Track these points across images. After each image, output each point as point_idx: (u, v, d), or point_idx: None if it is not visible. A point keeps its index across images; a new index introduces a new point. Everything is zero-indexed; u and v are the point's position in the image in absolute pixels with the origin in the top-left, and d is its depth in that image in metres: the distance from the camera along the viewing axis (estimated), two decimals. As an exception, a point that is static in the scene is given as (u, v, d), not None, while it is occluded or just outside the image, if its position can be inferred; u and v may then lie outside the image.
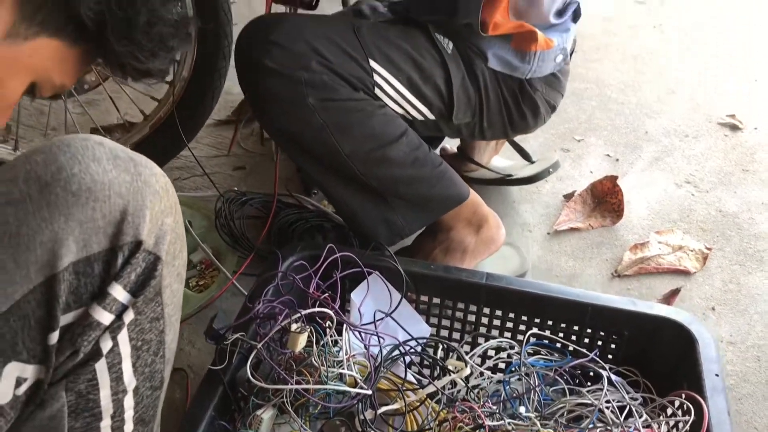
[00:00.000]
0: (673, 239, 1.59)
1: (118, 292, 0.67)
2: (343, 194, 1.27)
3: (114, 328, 0.68)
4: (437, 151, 1.77)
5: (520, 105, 1.33)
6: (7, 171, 0.65)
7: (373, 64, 1.17)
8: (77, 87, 1.51)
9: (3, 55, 0.64)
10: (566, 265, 1.53)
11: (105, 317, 0.67)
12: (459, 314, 1.13)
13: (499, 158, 1.75)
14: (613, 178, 1.68)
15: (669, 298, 1.44)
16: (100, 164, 0.65)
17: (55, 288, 0.64)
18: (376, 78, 1.18)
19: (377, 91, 1.19)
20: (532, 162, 1.70)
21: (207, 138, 1.82)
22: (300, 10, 1.37)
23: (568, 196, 1.70)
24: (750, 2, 2.78)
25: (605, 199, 1.67)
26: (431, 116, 1.27)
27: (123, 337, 0.69)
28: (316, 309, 0.93)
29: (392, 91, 1.20)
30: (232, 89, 1.95)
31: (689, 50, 2.42)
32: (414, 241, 1.37)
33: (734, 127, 2.01)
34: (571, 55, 1.39)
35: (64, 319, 0.66)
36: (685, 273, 1.51)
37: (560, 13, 1.30)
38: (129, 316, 0.69)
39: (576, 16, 1.34)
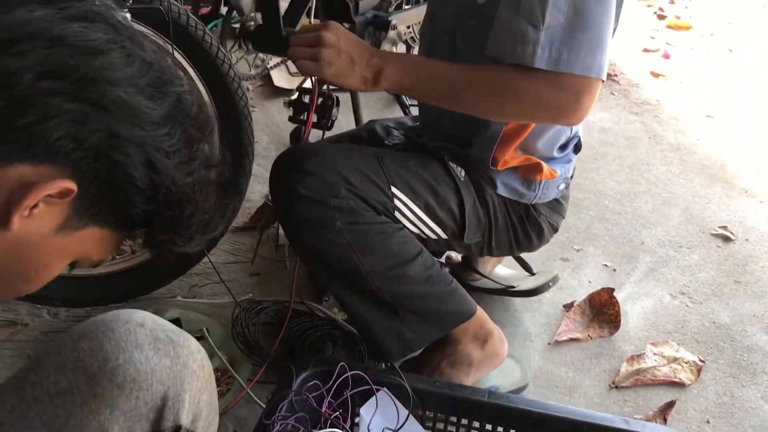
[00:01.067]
0: (668, 351, 1.65)
1: None
2: (359, 307, 1.36)
3: None
4: (443, 259, 1.87)
5: (526, 227, 1.44)
6: (55, 356, 0.70)
7: (394, 190, 1.29)
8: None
9: (53, 246, 0.68)
10: (566, 376, 1.59)
11: None
12: (462, 430, 1.19)
13: (502, 267, 1.84)
14: (609, 290, 1.77)
15: (664, 410, 1.50)
16: (143, 351, 0.71)
17: None
18: (397, 203, 1.29)
19: (397, 214, 1.30)
20: (533, 273, 1.79)
21: (225, 244, 1.92)
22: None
23: (568, 306, 1.78)
24: (739, 118, 2.92)
25: (603, 310, 1.75)
26: (444, 236, 1.38)
27: None
28: (329, 430, 1.00)
29: (410, 214, 1.31)
30: (249, 196, 2.07)
31: (682, 162, 2.54)
32: (422, 352, 1.45)
33: (726, 239, 2.11)
34: (570, 179, 1.51)
35: None
36: (680, 385, 1.57)
37: (563, 148, 1.43)
38: None
39: (577, 148, 1.47)
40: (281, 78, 2.73)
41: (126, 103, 0.65)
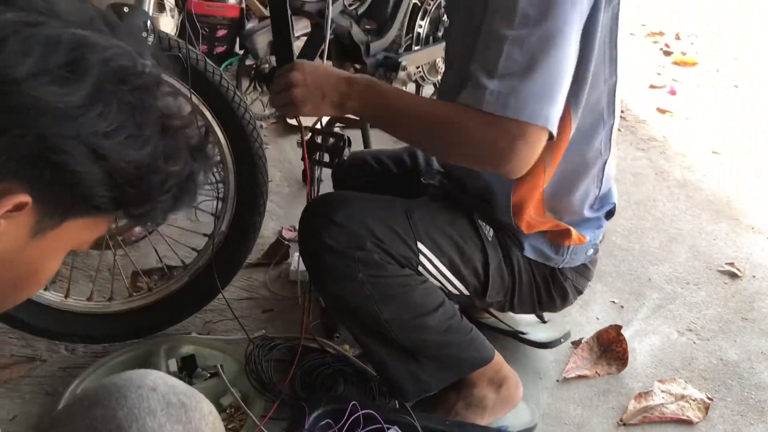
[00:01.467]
0: (675, 388, 1.67)
1: None
2: (377, 349, 1.39)
3: None
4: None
5: (551, 290, 1.45)
6: (68, 422, 0.71)
7: (420, 246, 1.31)
8: (125, 239, 1.68)
9: (34, 252, 0.65)
10: (574, 413, 1.61)
11: None
12: (471, 468, 1.21)
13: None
14: (617, 328, 1.79)
15: (673, 449, 1.51)
16: (155, 418, 0.71)
17: None
18: (422, 258, 1.31)
19: (420, 268, 1.32)
20: (544, 321, 1.81)
21: (238, 281, 1.95)
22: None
23: (576, 343, 1.80)
24: (745, 154, 2.95)
25: (611, 348, 1.77)
26: (466, 292, 1.40)
27: None
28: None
29: (434, 270, 1.33)
30: (262, 233, 2.10)
31: (689, 198, 2.57)
32: (438, 392, 1.46)
33: (733, 275, 2.13)
34: (600, 244, 1.50)
35: None
36: (687, 423, 1.59)
37: (594, 209, 1.43)
38: None
39: (609, 214, 1.48)
40: (294, 116, 2.79)
41: (38, 98, 0.57)
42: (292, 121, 2.81)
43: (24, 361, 1.64)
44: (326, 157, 1.56)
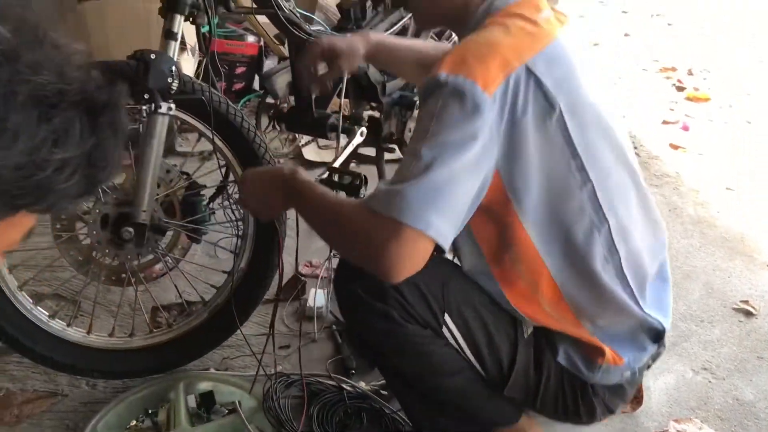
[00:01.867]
0: (691, 428, 1.67)
1: None
2: (396, 384, 1.43)
3: None
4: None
5: (578, 403, 1.39)
6: None
7: (447, 319, 1.30)
8: (147, 276, 1.71)
9: None
10: (590, 454, 1.61)
11: None
12: None
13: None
14: (632, 366, 1.79)
15: (689, 490, 1.51)
16: None
17: None
18: (445, 330, 1.30)
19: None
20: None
21: (255, 316, 1.97)
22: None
23: (591, 381, 1.80)
24: (759, 191, 2.96)
25: (626, 386, 1.77)
26: (484, 377, 1.37)
27: None
28: None
29: (455, 345, 1.32)
30: (279, 269, 2.13)
31: (703, 235, 2.58)
32: None
33: (748, 314, 2.12)
34: (650, 366, 1.45)
35: None
36: (704, 464, 1.59)
37: (641, 307, 1.32)
38: None
39: (657, 337, 1.39)
40: (311, 152, 2.84)
41: None
42: (312, 157, 2.86)
43: (46, 395, 1.67)
44: (343, 196, 1.60)
